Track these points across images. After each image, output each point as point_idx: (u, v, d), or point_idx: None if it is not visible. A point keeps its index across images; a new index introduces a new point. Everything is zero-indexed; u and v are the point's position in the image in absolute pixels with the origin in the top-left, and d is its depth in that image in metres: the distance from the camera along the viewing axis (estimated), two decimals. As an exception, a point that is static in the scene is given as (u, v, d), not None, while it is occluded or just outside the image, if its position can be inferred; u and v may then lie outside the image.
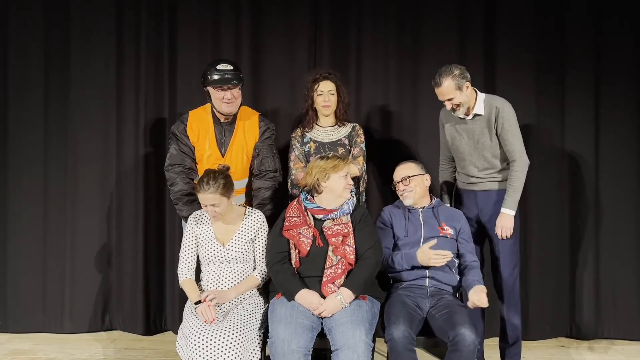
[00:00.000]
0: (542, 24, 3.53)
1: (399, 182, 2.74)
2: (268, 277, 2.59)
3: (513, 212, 2.76)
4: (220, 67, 2.79)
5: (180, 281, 2.59)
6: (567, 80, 3.54)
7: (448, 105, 2.79)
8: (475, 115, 2.81)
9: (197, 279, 2.65)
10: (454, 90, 2.72)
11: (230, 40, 3.59)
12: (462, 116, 2.83)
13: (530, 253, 3.51)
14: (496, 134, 2.79)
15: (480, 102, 2.80)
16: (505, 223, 2.77)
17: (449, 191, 3.10)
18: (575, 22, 3.53)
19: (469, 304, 2.45)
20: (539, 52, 3.53)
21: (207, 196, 2.43)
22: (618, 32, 3.52)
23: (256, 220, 2.62)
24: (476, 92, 2.83)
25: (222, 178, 2.46)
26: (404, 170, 2.77)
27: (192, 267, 2.60)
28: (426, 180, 2.77)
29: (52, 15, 3.59)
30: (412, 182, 2.72)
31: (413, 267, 2.61)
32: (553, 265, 3.55)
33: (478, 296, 2.40)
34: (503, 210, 2.77)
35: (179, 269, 2.60)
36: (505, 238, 2.79)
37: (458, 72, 2.73)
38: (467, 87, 2.76)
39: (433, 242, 2.53)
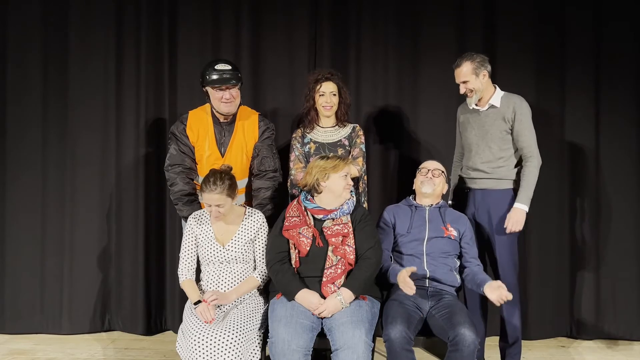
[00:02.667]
0: (542, 24, 3.53)
1: (430, 170, 2.76)
2: (268, 277, 2.59)
3: (526, 208, 2.79)
4: (219, 66, 2.79)
5: (180, 282, 2.59)
6: (567, 80, 3.54)
7: (462, 89, 2.87)
8: (490, 107, 2.86)
9: (197, 279, 2.65)
10: (470, 74, 2.82)
11: (230, 41, 3.59)
12: (474, 105, 2.89)
13: (530, 253, 3.52)
14: (511, 129, 2.82)
15: (498, 96, 2.87)
16: (517, 217, 2.78)
17: (455, 190, 3.12)
18: (575, 22, 3.53)
19: (496, 303, 2.42)
20: (539, 52, 3.53)
21: (213, 196, 2.42)
22: (618, 32, 3.53)
23: (256, 220, 2.62)
24: (495, 88, 2.89)
25: (227, 179, 2.46)
26: (438, 165, 2.80)
27: (193, 267, 2.60)
28: (445, 186, 2.80)
29: (51, 14, 3.58)
30: (439, 178, 2.75)
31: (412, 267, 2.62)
32: (553, 265, 3.55)
33: (499, 292, 2.37)
34: (517, 205, 2.79)
35: (179, 269, 2.60)
36: (513, 232, 2.80)
37: (479, 59, 2.83)
38: (484, 76, 2.84)
39: (413, 269, 2.46)
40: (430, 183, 2.73)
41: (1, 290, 3.62)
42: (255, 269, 2.63)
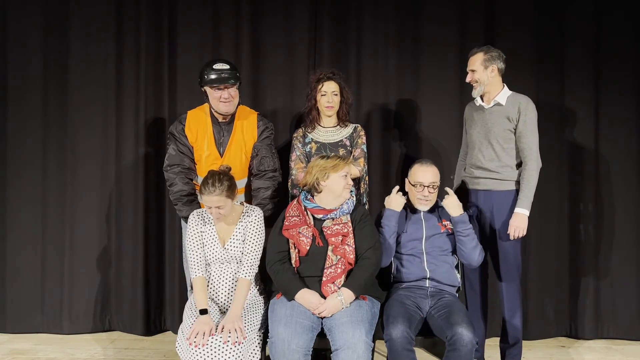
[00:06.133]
0: (542, 23, 3.53)
1: (426, 186, 2.65)
2: (257, 273, 2.57)
3: (527, 212, 2.76)
4: (217, 66, 2.78)
5: (192, 277, 2.52)
6: (566, 79, 3.54)
7: (468, 77, 2.89)
8: (495, 105, 2.86)
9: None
10: (480, 64, 2.83)
11: (230, 40, 3.58)
12: (479, 101, 2.89)
13: (530, 253, 3.51)
14: (515, 129, 2.81)
15: (504, 95, 2.86)
16: (519, 223, 2.76)
17: (456, 191, 3.11)
18: (576, 21, 3.53)
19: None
20: (539, 51, 3.53)
21: (213, 198, 2.40)
22: (618, 31, 3.52)
23: (252, 217, 2.58)
24: (504, 86, 2.89)
25: (226, 180, 2.44)
26: (434, 175, 2.67)
27: (203, 264, 2.53)
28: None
29: (51, 13, 3.58)
30: (434, 192, 2.67)
31: (412, 262, 2.64)
32: (553, 265, 3.55)
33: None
34: (518, 210, 2.77)
35: (190, 266, 2.53)
36: (517, 238, 2.78)
37: (494, 54, 2.84)
38: (493, 71, 2.83)
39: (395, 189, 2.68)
40: (426, 203, 2.67)
41: (2, 290, 3.62)
42: (243, 268, 2.53)
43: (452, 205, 2.62)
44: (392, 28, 3.57)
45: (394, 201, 2.65)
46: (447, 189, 2.69)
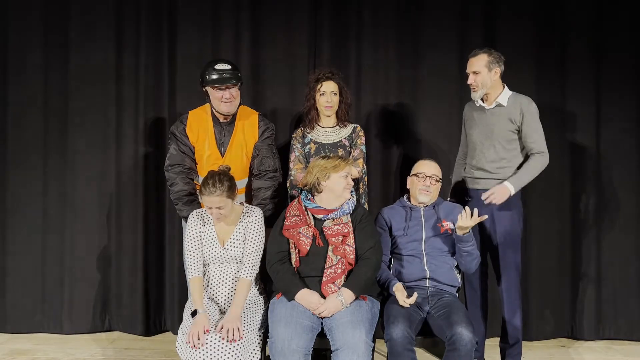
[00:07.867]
0: (542, 22, 3.53)
1: (428, 177, 2.71)
2: (257, 273, 2.57)
3: (513, 191, 2.75)
4: (219, 66, 2.79)
5: (189, 278, 2.53)
6: (567, 79, 3.54)
7: (470, 79, 2.85)
8: (497, 106, 2.85)
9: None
10: (483, 66, 2.80)
11: (230, 40, 3.58)
12: (480, 102, 2.87)
13: (530, 253, 3.51)
14: (517, 130, 2.81)
15: (505, 95, 2.85)
16: (499, 193, 2.73)
17: (455, 189, 3.11)
18: (577, 20, 3.52)
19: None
20: (540, 50, 3.53)
21: (214, 199, 2.40)
22: (619, 30, 3.52)
23: (252, 218, 2.58)
24: (504, 87, 2.88)
25: (227, 180, 2.44)
26: (436, 169, 2.74)
27: (200, 264, 2.53)
28: (440, 185, 2.78)
29: (52, 13, 3.58)
30: (436, 185, 2.71)
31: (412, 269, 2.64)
32: (553, 265, 3.55)
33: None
34: (506, 183, 2.76)
35: (187, 266, 2.54)
36: (488, 202, 2.74)
37: (497, 55, 2.83)
38: (496, 73, 2.82)
39: (414, 298, 2.45)
40: (427, 194, 2.69)
41: (2, 290, 3.62)
42: (244, 267, 2.53)
43: (465, 226, 2.54)
44: (392, 28, 3.56)
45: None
46: (475, 212, 2.55)
